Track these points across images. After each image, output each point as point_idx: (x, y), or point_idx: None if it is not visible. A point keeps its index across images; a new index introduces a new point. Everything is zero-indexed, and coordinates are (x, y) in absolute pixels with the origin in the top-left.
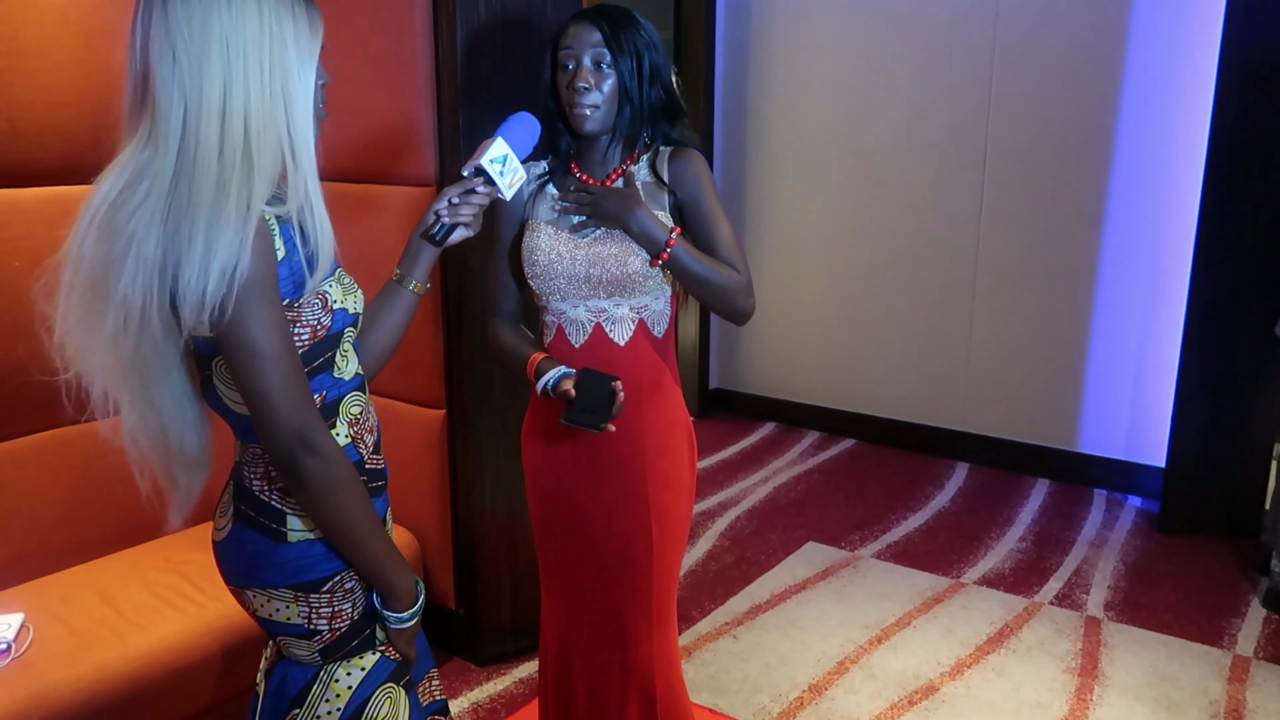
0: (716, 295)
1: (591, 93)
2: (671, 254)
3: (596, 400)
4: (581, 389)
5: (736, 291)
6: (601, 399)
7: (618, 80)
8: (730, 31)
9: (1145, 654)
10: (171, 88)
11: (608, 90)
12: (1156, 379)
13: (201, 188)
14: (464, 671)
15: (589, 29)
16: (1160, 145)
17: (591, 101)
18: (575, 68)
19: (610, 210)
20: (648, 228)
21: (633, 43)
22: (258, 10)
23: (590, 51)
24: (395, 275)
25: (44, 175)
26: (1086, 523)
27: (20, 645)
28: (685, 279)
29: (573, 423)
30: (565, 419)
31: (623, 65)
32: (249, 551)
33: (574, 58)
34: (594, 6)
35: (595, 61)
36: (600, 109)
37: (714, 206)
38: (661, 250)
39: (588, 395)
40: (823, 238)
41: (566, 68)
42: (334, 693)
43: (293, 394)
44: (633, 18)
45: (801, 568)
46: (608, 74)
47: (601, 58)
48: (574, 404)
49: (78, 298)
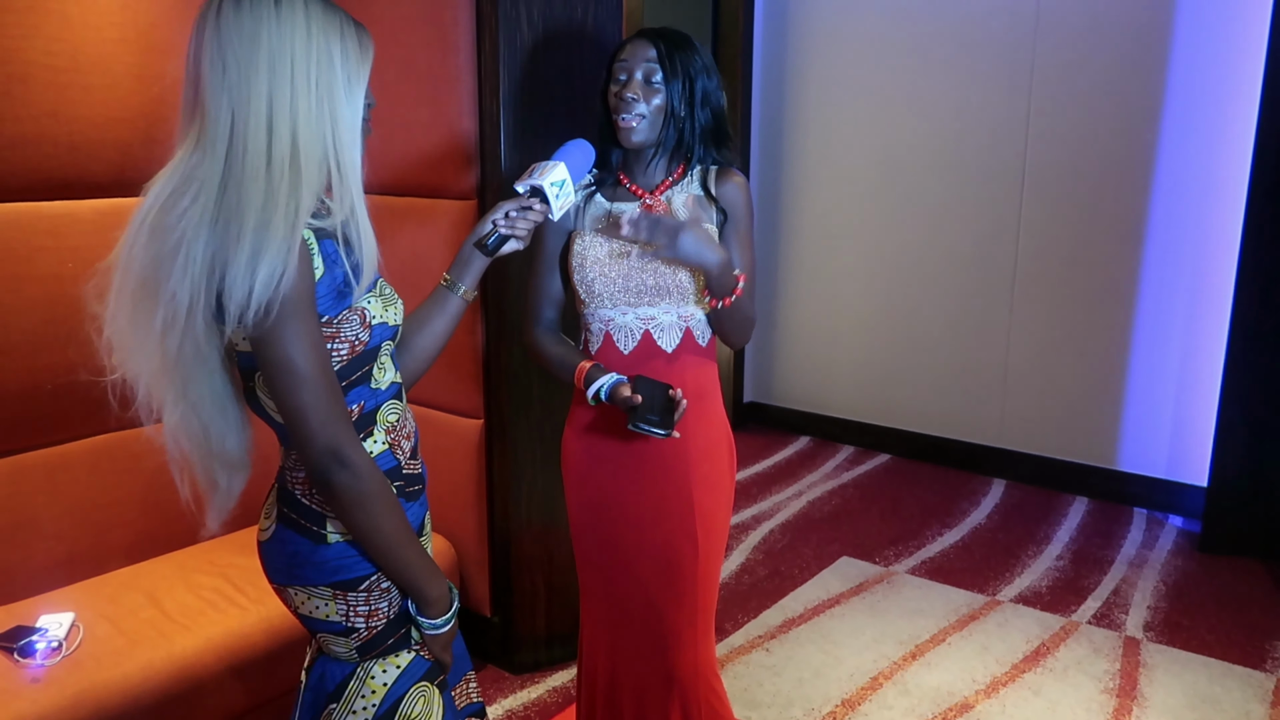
0: (739, 326)
1: (639, 104)
2: (735, 301)
3: (658, 407)
4: (641, 395)
5: (752, 324)
6: (661, 405)
7: (666, 98)
8: (767, 46)
9: (1186, 676)
10: (220, 95)
11: (654, 105)
12: (1198, 396)
13: (250, 193)
14: (498, 679)
15: (646, 45)
16: (1203, 157)
17: (638, 113)
18: (627, 80)
19: (688, 249)
20: (724, 272)
21: (686, 65)
22: (306, 26)
23: (643, 66)
24: (445, 280)
25: (100, 187)
26: (1126, 542)
27: (71, 644)
28: (729, 316)
29: (639, 428)
30: (633, 425)
31: (673, 85)
32: (291, 551)
33: (627, 70)
34: (654, 29)
35: (646, 76)
36: (645, 121)
37: (748, 233)
38: (730, 293)
39: (648, 401)
40: (858, 251)
41: (619, 79)
42: (369, 689)
43: (326, 410)
44: (690, 43)
45: (835, 582)
46: (657, 89)
47: (652, 73)
48: (637, 410)
49: (128, 297)
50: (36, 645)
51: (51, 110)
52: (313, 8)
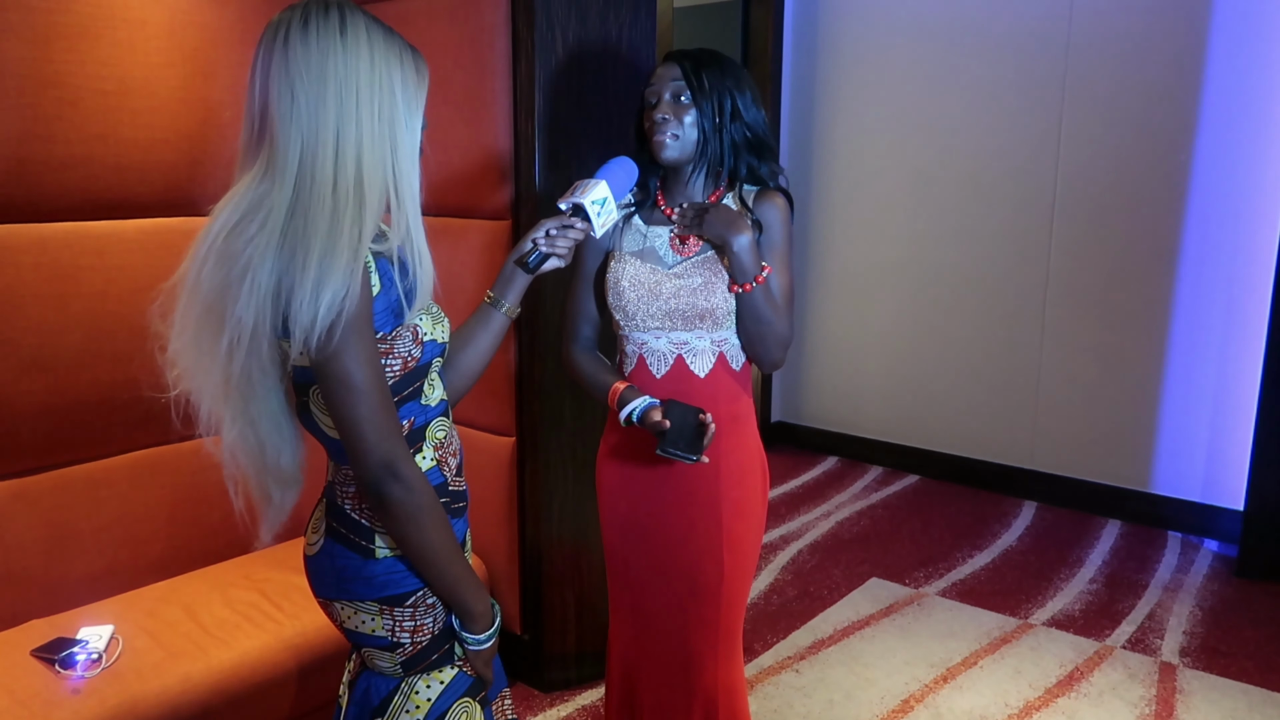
0: (767, 339)
1: (670, 122)
2: (757, 287)
3: (687, 431)
4: (671, 420)
5: (783, 343)
6: (692, 430)
7: (697, 115)
8: (796, 67)
9: (1224, 703)
10: (290, 125)
11: (687, 122)
12: (1234, 418)
13: (316, 220)
14: (528, 697)
15: (671, 66)
16: (1238, 176)
17: (671, 131)
18: (657, 102)
19: (718, 224)
20: (748, 252)
21: (714, 82)
22: (369, 57)
23: (670, 86)
24: (489, 298)
25: (144, 208)
26: (1160, 566)
27: (110, 656)
28: (754, 315)
29: (668, 453)
30: (662, 450)
31: (702, 102)
32: (339, 566)
33: (656, 94)
34: (685, 50)
35: (675, 95)
36: (679, 138)
37: (785, 254)
38: (751, 279)
39: (678, 427)
40: (889, 270)
41: (651, 102)
42: (414, 704)
43: (381, 425)
44: (718, 59)
45: (865, 603)
46: (687, 106)
47: (680, 91)
48: (667, 435)
49: (193, 319)
50: (77, 657)
51: (100, 133)
52: (375, 36)
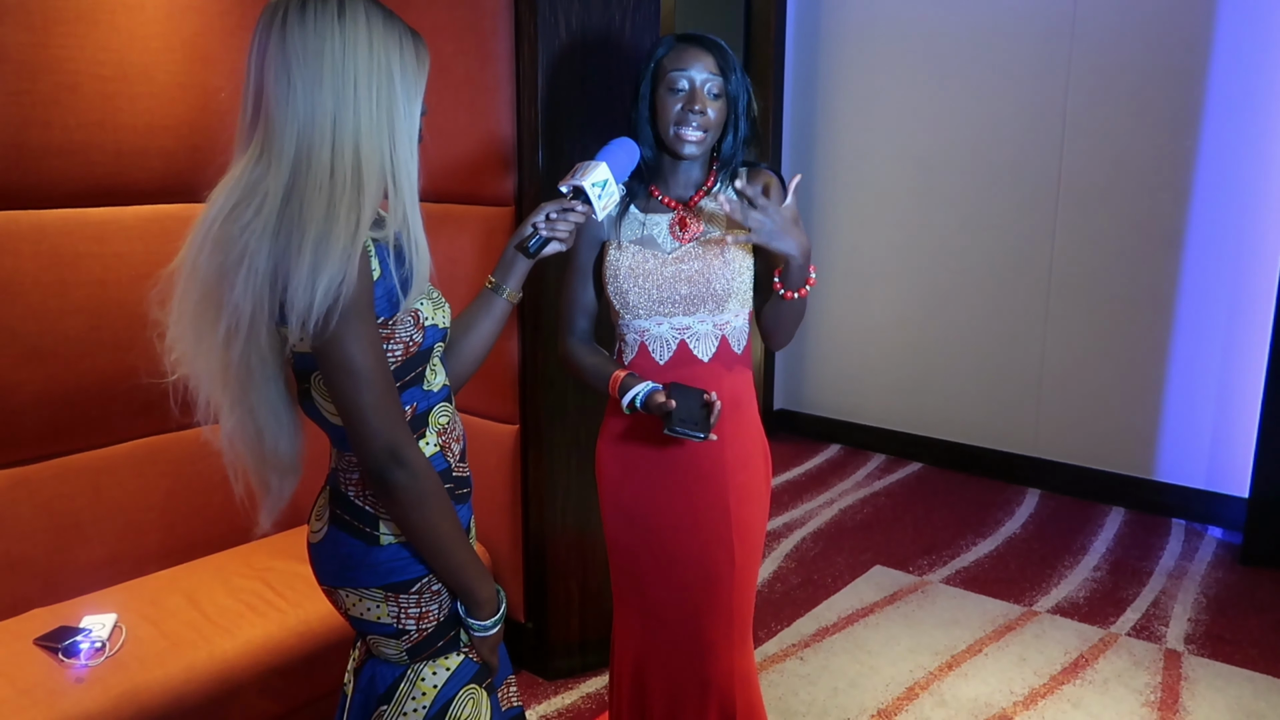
0: (790, 328)
1: (706, 118)
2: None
3: (693, 412)
4: (676, 401)
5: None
6: (697, 409)
7: (722, 110)
8: (799, 53)
9: (1229, 690)
10: (286, 109)
11: (715, 117)
12: (1239, 405)
13: (313, 205)
14: (531, 685)
15: (705, 55)
16: (1244, 163)
17: (704, 127)
18: (689, 91)
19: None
20: (803, 263)
21: (739, 75)
22: (368, 41)
23: (704, 77)
24: (490, 283)
25: (144, 194)
26: (1164, 553)
27: (114, 645)
28: (790, 313)
29: (676, 433)
30: (669, 429)
31: (733, 98)
32: (343, 553)
33: (689, 80)
34: (701, 35)
35: (708, 88)
36: (708, 136)
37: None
38: (799, 287)
39: (684, 407)
40: (892, 258)
41: (676, 89)
42: (420, 691)
43: (385, 410)
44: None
45: (869, 591)
46: (717, 99)
47: (715, 85)
48: (673, 415)
49: (191, 306)
50: (80, 646)
51: (99, 119)
52: (374, 20)
